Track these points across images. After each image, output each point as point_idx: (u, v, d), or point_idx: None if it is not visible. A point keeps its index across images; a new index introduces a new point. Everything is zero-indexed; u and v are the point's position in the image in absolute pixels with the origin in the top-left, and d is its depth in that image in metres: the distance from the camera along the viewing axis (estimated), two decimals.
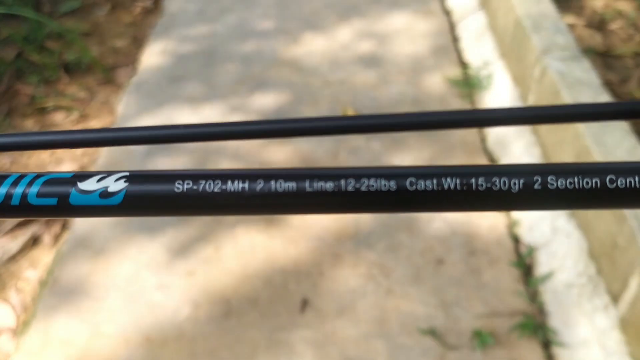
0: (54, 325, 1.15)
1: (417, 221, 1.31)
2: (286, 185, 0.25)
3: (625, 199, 0.25)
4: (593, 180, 0.25)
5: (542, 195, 0.25)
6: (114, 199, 0.25)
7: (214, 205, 0.25)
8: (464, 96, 1.67)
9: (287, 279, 1.21)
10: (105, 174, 0.26)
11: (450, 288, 1.18)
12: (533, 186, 0.25)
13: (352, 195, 0.25)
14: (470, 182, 0.25)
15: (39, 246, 1.32)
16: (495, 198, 0.25)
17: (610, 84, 1.35)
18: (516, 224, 1.29)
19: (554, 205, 0.26)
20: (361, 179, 0.25)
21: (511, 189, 0.25)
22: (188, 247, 1.28)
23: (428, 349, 1.08)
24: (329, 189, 0.25)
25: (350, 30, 1.98)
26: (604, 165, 0.26)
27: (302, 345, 1.09)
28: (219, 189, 0.25)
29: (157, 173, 0.26)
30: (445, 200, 0.25)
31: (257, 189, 0.25)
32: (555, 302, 1.13)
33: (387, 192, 0.25)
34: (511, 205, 0.26)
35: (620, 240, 1.04)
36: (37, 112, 1.70)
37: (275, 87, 1.74)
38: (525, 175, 0.25)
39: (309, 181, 0.25)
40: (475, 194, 0.25)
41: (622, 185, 0.25)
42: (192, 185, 0.25)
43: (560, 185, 0.25)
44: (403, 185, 0.25)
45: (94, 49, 1.94)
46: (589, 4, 1.68)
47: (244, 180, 0.25)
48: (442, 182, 0.25)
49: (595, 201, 0.25)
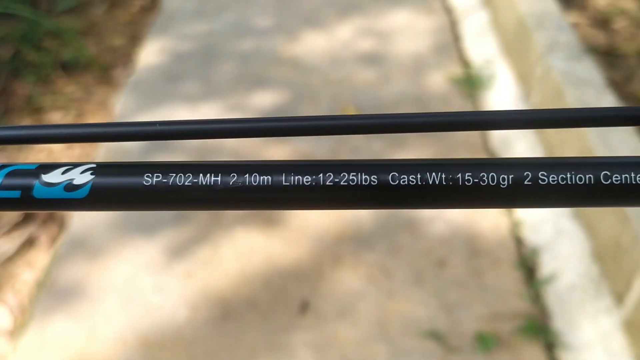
0: (51, 327, 1.13)
1: (419, 222, 1.29)
2: (261, 178, 0.24)
3: (620, 196, 0.24)
4: (587, 176, 0.24)
5: (533, 191, 0.24)
6: (80, 192, 0.24)
7: (184, 200, 0.24)
8: (466, 95, 1.66)
9: (286, 281, 1.19)
10: (71, 166, 0.24)
11: (452, 290, 1.16)
12: (523, 182, 0.24)
13: (331, 190, 0.24)
14: (457, 177, 0.24)
15: (35, 247, 1.31)
16: (482, 194, 0.24)
17: (613, 83, 1.34)
18: (519, 225, 1.28)
19: (545, 202, 0.24)
20: (341, 173, 0.24)
21: (500, 185, 0.24)
22: (186, 248, 1.27)
23: (430, 352, 1.07)
24: (306, 183, 0.24)
25: (351, 28, 1.97)
26: (598, 160, 0.24)
27: (301, 347, 1.08)
28: (190, 182, 0.24)
29: (125, 164, 0.25)
30: (429, 196, 0.24)
31: (229, 183, 0.24)
32: (559, 304, 1.12)
33: (367, 187, 0.24)
34: (499, 202, 0.24)
35: (623, 241, 1.03)
36: (34, 111, 1.68)
37: (275, 86, 1.72)
38: (515, 170, 0.24)
39: (285, 175, 0.24)
40: (462, 190, 0.24)
41: (617, 181, 0.23)
42: (161, 178, 0.24)
43: (552, 181, 0.24)
44: (385, 179, 0.24)
45: (91, 47, 1.92)
46: (592, 3, 1.67)
47: (217, 173, 0.24)
48: (427, 176, 0.24)
49: (589, 198, 0.24)
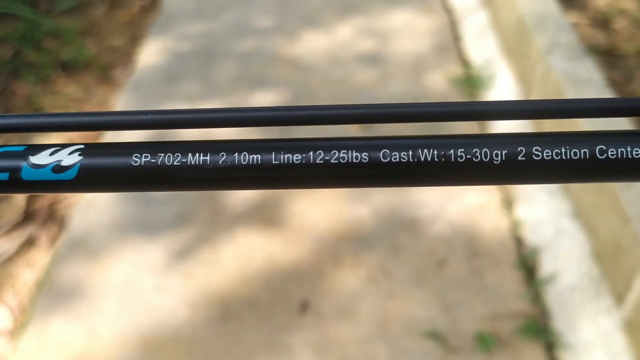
0: (51, 327, 1.13)
1: (419, 222, 1.29)
2: (250, 157, 0.24)
3: (616, 170, 0.23)
4: (582, 151, 0.23)
5: (527, 167, 0.23)
6: (68, 174, 0.24)
7: (173, 179, 0.24)
8: (466, 95, 1.66)
9: (286, 281, 1.19)
10: (59, 147, 0.24)
11: (452, 290, 1.16)
12: (517, 157, 0.23)
13: (321, 168, 0.24)
14: (449, 153, 0.23)
15: (35, 247, 1.31)
16: (475, 170, 0.24)
17: (613, 83, 1.34)
18: (519, 225, 1.28)
19: (539, 178, 0.24)
20: (331, 151, 0.24)
21: (493, 161, 0.23)
22: (186, 249, 1.26)
23: (430, 352, 1.07)
24: (296, 162, 0.24)
25: (351, 28, 1.97)
26: (593, 134, 0.24)
27: (302, 348, 1.08)
28: (179, 161, 0.24)
29: (113, 145, 0.24)
30: (421, 173, 0.24)
31: (219, 162, 0.24)
32: (559, 304, 1.12)
33: (358, 164, 0.24)
34: (493, 178, 0.24)
35: (624, 241, 1.03)
36: (34, 111, 1.68)
37: (275, 86, 1.72)
38: (508, 145, 0.23)
39: (275, 153, 0.24)
40: (454, 166, 0.23)
41: (613, 155, 0.23)
42: (150, 158, 0.24)
43: (546, 156, 0.23)
44: (376, 157, 0.24)
45: (91, 47, 1.92)
46: (592, 3, 1.67)
47: (206, 152, 0.24)
48: (418, 153, 0.24)
49: (585, 173, 0.24)
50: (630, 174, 0.24)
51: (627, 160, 0.23)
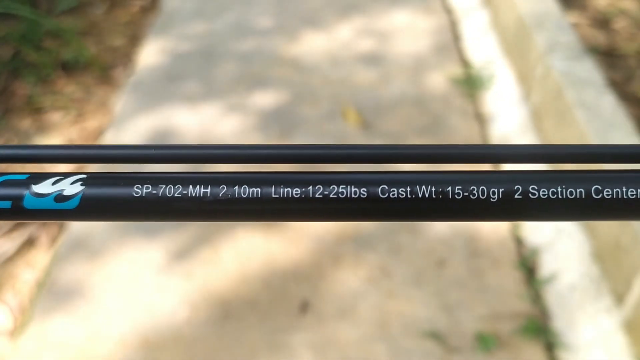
0: (51, 327, 1.13)
1: (419, 222, 1.29)
2: (250, 190, 0.24)
3: (612, 210, 0.24)
4: (577, 190, 0.24)
5: (523, 205, 0.24)
6: (70, 203, 0.24)
7: (174, 211, 0.24)
8: (466, 95, 1.66)
9: (286, 281, 1.19)
10: (61, 176, 0.24)
11: (452, 290, 1.16)
12: (513, 196, 0.24)
13: (320, 202, 0.24)
14: (447, 190, 0.24)
15: (35, 247, 1.31)
16: (472, 208, 0.24)
17: (613, 83, 1.33)
18: (519, 225, 1.28)
19: (535, 216, 0.24)
20: (330, 186, 0.24)
21: (490, 198, 0.24)
22: (186, 249, 1.27)
23: (430, 352, 1.07)
24: (295, 196, 0.24)
25: (351, 28, 1.97)
26: (589, 174, 0.24)
27: (302, 348, 1.08)
28: (180, 193, 0.24)
29: (115, 176, 0.25)
30: (419, 210, 0.24)
31: (219, 195, 0.24)
32: (559, 304, 1.12)
33: (357, 199, 0.24)
34: (490, 215, 0.24)
35: (624, 241, 1.03)
36: (34, 112, 1.68)
37: (275, 86, 1.72)
38: (505, 183, 0.24)
39: (274, 187, 0.24)
40: (451, 203, 0.24)
41: (608, 195, 0.24)
42: (151, 190, 0.24)
43: (542, 195, 0.24)
44: (375, 192, 0.24)
45: (91, 47, 1.92)
46: (592, 3, 1.67)
47: (206, 185, 0.24)
48: (417, 189, 0.24)
49: (581, 212, 0.24)
50: (625, 214, 0.24)
51: (622, 200, 0.24)
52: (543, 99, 1.42)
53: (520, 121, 1.49)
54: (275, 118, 1.61)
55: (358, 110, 1.62)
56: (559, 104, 1.31)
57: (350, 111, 1.62)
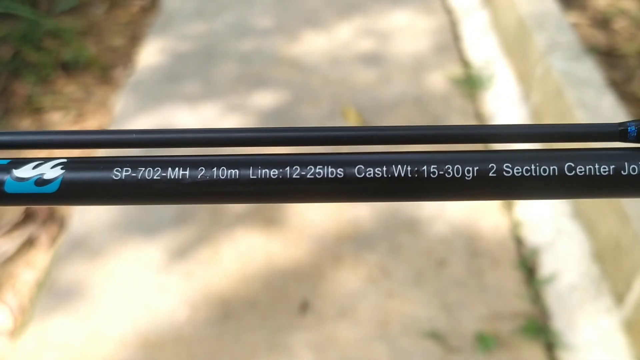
0: (51, 327, 1.13)
1: (419, 222, 1.29)
2: (228, 172, 0.24)
3: (585, 187, 0.24)
4: (551, 168, 0.24)
5: (498, 183, 0.24)
6: (50, 187, 0.24)
7: (153, 193, 0.25)
8: (466, 95, 1.66)
9: (286, 281, 1.19)
10: (41, 161, 0.25)
11: (452, 290, 1.16)
12: (488, 174, 0.24)
13: (298, 183, 0.24)
14: (422, 169, 0.24)
15: (35, 247, 1.31)
16: (448, 186, 0.24)
17: (613, 83, 1.33)
18: (519, 225, 1.28)
19: (510, 194, 0.25)
20: (307, 166, 0.24)
21: (465, 177, 0.24)
22: (186, 249, 1.27)
23: (430, 352, 1.07)
24: (273, 177, 0.24)
25: (351, 28, 1.97)
26: (562, 152, 0.24)
27: (302, 348, 1.08)
28: (159, 175, 0.24)
29: (95, 159, 0.25)
30: (395, 189, 0.25)
31: (197, 177, 0.24)
32: (559, 304, 1.12)
33: (334, 179, 0.24)
34: (465, 194, 0.25)
35: (624, 241, 1.03)
36: (34, 112, 1.68)
37: (275, 86, 1.72)
38: (480, 162, 0.24)
39: (252, 168, 0.24)
40: (427, 182, 0.24)
41: (581, 172, 0.24)
42: (130, 172, 0.24)
43: (516, 172, 0.24)
44: (351, 172, 0.24)
45: (91, 47, 1.92)
46: (592, 3, 1.67)
47: (185, 167, 0.25)
48: (392, 169, 0.24)
49: (554, 190, 0.24)
50: (598, 191, 0.24)
51: (595, 177, 0.24)
52: (543, 99, 1.42)
53: (520, 121, 1.49)
54: (275, 118, 1.61)
55: (358, 110, 1.62)
56: (559, 104, 1.31)
57: (351, 111, 1.62)
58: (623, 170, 0.24)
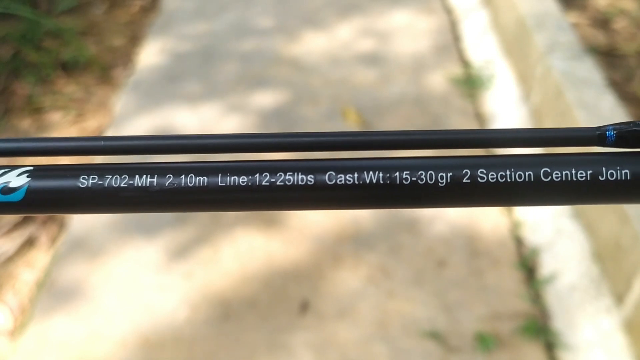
0: (51, 327, 1.13)
1: (419, 222, 1.29)
2: (196, 179, 0.24)
3: (561, 193, 0.24)
4: (526, 174, 0.23)
5: (472, 190, 0.24)
6: (16, 195, 0.24)
7: (120, 201, 0.24)
8: (466, 95, 1.66)
9: (286, 281, 1.19)
10: (7, 169, 0.24)
11: (452, 290, 1.16)
12: (462, 180, 0.24)
13: (267, 190, 0.24)
14: (394, 175, 0.24)
15: (35, 247, 1.31)
16: (420, 193, 0.24)
17: (613, 83, 1.33)
18: (519, 225, 1.28)
19: (484, 201, 0.24)
20: (277, 173, 0.24)
21: (438, 183, 0.24)
22: (186, 249, 1.26)
23: (430, 352, 1.07)
24: (242, 184, 0.24)
25: (351, 28, 1.97)
26: (538, 157, 0.24)
27: (302, 348, 1.08)
28: (126, 183, 0.24)
29: (62, 167, 0.25)
30: (366, 196, 0.24)
31: (165, 184, 0.24)
32: (559, 304, 1.12)
33: (304, 186, 0.24)
34: (438, 200, 0.24)
35: (624, 241, 1.03)
36: (34, 111, 1.68)
37: (275, 86, 1.72)
38: (454, 168, 0.24)
39: (221, 175, 0.24)
40: (399, 189, 0.24)
41: (557, 178, 0.23)
42: (97, 180, 0.24)
43: (491, 178, 0.23)
44: (322, 179, 0.24)
45: (91, 47, 1.92)
46: (592, 3, 1.67)
47: (153, 174, 0.24)
48: (364, 175, 0.24)
49: (530, 196, 0.24)
50: (575, 196, 0.24)
51: (572, 182, 0.23)
52: (543, 99, 1.42)
53: (520, 121, 1.49)
54: (275, 118, 1.61)
55: (358, 110, 1.62)
56: (559, 104, 1.31)
57: (350, 111, 1.62)
58: (601, 176, 0.23)
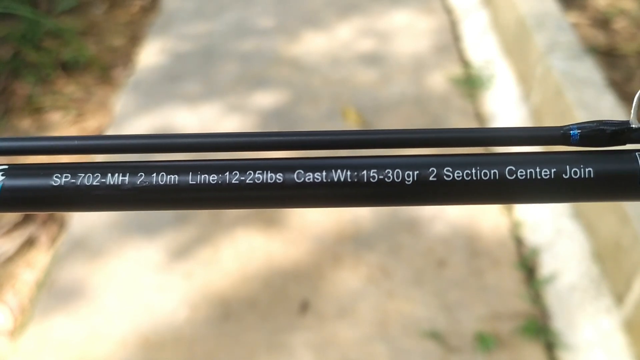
0: (51, 327, 1.13)
1: (419, 222, 1.29)
2: (168, 178, 0.24)
3: (526, 191, 0.24)
4: (492, 172, 0.24)
5: (438, 188, 0.24)
6: None
7: (92, 199, 0.24)
8: (466, 95, 1.66)
9: (286, 281, 1.19)
10: None
11: (452, 290, 1.16)
12: (428, 178, 0.24)
13: (237, 188, 0.24)
14: (362, 174, 0.24)
15: (35, 247, 1.31)
16: (388, 191, 0.24)
17: (613, 83, 1.33)
18: (519, 225, 1.28)
19: (450, 199, 0.24)
20: (247, 172, 0.24)
21: (405, 181, 0.24)
22: (186, 249, 1.27)
23: (430, 352, 1.07)
24: (212, 182, 0.24)
25: (351, 28, 1.97)
26: (505, 155, 0.24)
27: (302, 348, 1.08)
28: (98, 181, 0.24)
29: (36, 166, 0.25)
30: (334, 194, 0.24)
31: (137, 182, 0.24)
32: (559, 304, 1.12)
33: (273, 185, 0.24)
34: (405, 199, 0.24)
35: (624, 241, 1.03)
36: (34, 111, 1.68)
37: (275, 86, 1.72)
38: (420, 166, 0.24)
39: (192, 174, 0.24)
40: (367, 187, 0.24)
41: (522, 176, 0.24)
42: (70, 178, 0.24)
43: (457, 176, 0.24)
44: (291, 178, 0.24)
45: (91, 47, 1.92)
46: (592, 3, 1.67)
47: (125, 172, 0.24)
48: (332, 174, 0.24)
49: (495, 194, 0.24)
50: (539, 195, 0.24)
51: (536, 180, 0.24)
52: (543, 99, 1.42)
53: (520, 121, 1.49)
54: (275, 118, 1.61)
55: (358, 110, 1.62)
56: (559, 104, 1.31)
57: (350, 111, 1.62)
58: (565, 174, 0.24)
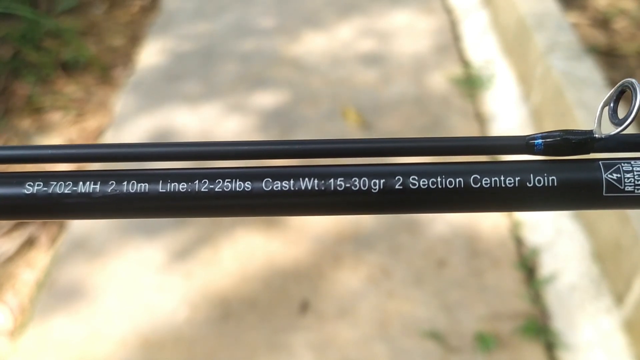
0: (51, 327, 1.13)
1: (419, 222, 1.29)
2: (138, 186, 0.24)
3: (491, 200, 0.24)
4: (457, 180, 0.24)
5: (404, 196, 0.24)
6: None
7: (64, 207, 0.25)
8: (466, 95, 1.66)
9: (286, 281, 1.19)
10: None
11: (452, 290, 1.16)
12: (394, 186, 0.24)
13: (206, 197, 0.24)
14: (329, 182, 0.24)
15: (35, 247, 1.31)
16: (354, 199, 0.24)
17: (613, 83, 1.33)
18: (519, 225, 1.28)
19: (416, 208, 0.25)
20: (216, 180, 0.25)
21: (371, 190, 0.24)
22: (186, 249, 1.27)
23: (430, 352, 1.07)
24: (182, 190, 0.24)
25: (351, 28, 1.97)
26: (468, 165, 0.25)
27: (302, 348, 1.08)
28: (70, 190, 0.24)
29: (9, 174, 0.25)
30: (301, 203, 0.25)
31: (107, 190, 0.24)
32: (559, 304, 1.12)
33: (241, 193, 0.24)
34: (371, 207, 0.25)
35: (624, 241, 1.03)
36: (34, 112, 1.68)
37: (275, 86, 1.72)
38: (387, 175, 0.24)
39: (162, 182, 0.25)
40: (334, 196, 0.24)
41: (487, 184, 0.24)
42: (42, 187, 0.24)
43: (422, 185, 0.24)
44: (259, 186, 0.24)
45: (91, 47, 1.92)
46: (592, 3, 1.67)
47: (96, 181, 0.25)
48: (299, 182, 0.24)
49: (460, 202, 0.24)
50: (502, 203, 0.24)
51: (500, 189, 0.24)
52: (543, 99, 1.42)
53: (520, 121, 1.49)
54: (275, 118, 1.61)
55: (358, 110, 1.62)
56: (559, 104, 1.31)
57: (350, 111, 1.62)
58: (528, 182, 0.24)
